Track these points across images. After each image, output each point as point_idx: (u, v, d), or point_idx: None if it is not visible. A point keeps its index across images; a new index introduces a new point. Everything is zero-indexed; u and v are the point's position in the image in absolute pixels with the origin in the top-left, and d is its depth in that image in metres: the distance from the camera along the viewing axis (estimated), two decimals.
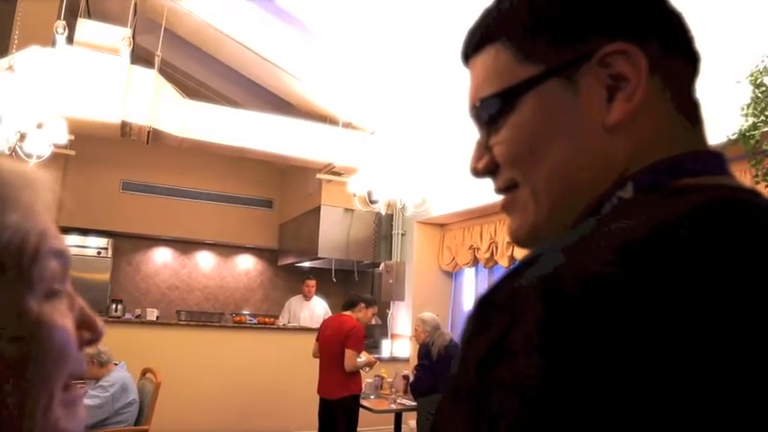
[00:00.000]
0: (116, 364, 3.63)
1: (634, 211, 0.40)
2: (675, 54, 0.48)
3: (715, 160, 0.46)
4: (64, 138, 4.46)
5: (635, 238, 0.35)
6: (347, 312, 4.46)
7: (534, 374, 0.32)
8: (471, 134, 0.54)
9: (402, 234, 6.76)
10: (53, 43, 4.70)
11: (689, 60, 0.50)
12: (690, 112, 0.48)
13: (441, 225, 6.52)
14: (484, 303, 0.38)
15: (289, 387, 5.67)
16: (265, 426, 5.67)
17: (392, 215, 6.79)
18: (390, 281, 6.33)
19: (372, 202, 5.43)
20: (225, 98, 7.29)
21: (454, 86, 3.81)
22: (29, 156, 4.28)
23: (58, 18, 4.64)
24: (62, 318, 0.45)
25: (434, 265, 6.51)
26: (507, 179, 0.52)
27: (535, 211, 0.50)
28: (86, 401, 3.35)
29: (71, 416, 0.46)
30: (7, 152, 4.23)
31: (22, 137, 4.29)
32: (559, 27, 0.48)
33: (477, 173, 0.55)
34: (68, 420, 0.46)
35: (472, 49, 0.54)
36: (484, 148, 0.53)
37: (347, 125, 6.17)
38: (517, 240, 0.53)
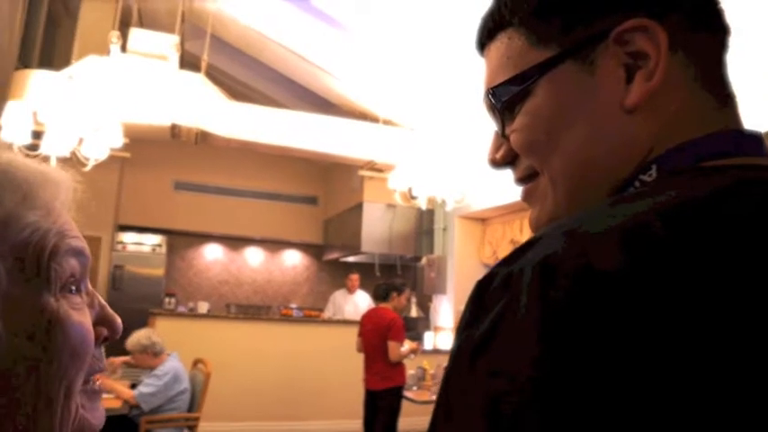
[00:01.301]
0: (169, 355, 3.78)
1: (649, 193, 0.37)
2: (701, 28, 0.44)
3: (748, 140, 0.43)
4: (119, 141, 4.70)
5: (642, 223, 0.33)
6: (382, 304, 4.55)
7: (528, 372, 0.31)
8: None
9: (443, 229, 6.81)
10: (109, 52, 4.97)
11: (717, 35, 0.46)
12: (718, 90, 0.45)
13: (481, 219, 6.54)
14: (481, 288, 0.37)
15: (333, 377, 5.81)
16: (310, 414, 5.84)
17: (433, 210, 6.84)
18: (432, 274, 6.42)
19: (413, 197, 5.48)
20: (269, 99, 7.46)
21: None
22: (87, 159, 4.55)
23: (113, 29, 4.90)
24: (80, 315, 0.45)
25: (475, 259, 6.54)
26: (526, 168, 0.50)
27: (554, 200, 0.47)
28: (142, 389, 3.56)
29: (92, 410, 0.47)
30: (68, 156, 4.51)
31: (81, 141, 4.56)
32: (572, 6, 0.45)
33: (496, 164, 0.53)
34: (90, 414, 0.46)
35: (486, 36, 0.52)
36: (501, 137, 0.51)
37: (387, 122, 6.25)
38: (537, 231, 0.48)
